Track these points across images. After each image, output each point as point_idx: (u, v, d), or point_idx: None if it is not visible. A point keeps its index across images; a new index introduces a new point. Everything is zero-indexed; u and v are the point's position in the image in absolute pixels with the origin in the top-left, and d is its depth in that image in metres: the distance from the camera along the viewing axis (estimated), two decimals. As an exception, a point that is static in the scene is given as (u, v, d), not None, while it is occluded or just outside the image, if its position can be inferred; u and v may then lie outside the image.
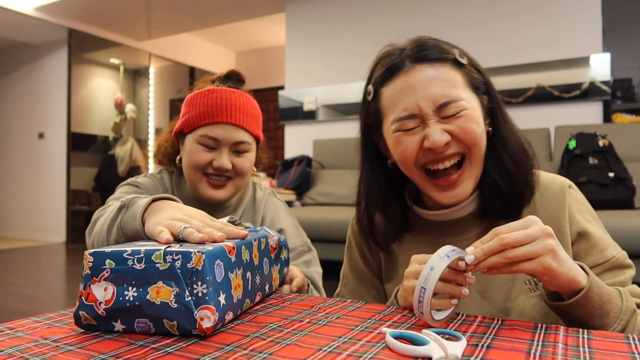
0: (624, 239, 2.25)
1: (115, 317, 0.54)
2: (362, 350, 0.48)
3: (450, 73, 0.69)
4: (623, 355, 0.47)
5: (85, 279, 0.56)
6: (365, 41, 4.17)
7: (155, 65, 6.67)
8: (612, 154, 2.83)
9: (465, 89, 0.69)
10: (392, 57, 0.72)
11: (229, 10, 5.16)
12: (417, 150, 0.69)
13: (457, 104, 0.67)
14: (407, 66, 0.69)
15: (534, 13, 3.49)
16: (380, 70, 0.73)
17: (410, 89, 0.68)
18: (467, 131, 0.68)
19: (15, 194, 6.09)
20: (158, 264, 0.54)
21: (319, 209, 3.30)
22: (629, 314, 0.61)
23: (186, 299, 0.53)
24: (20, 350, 0.49)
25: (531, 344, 0.50)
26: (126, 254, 0.55)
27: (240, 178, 1.02)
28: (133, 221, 0.73)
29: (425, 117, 0.68)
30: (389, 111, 0.71)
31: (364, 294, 0.86)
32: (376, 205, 0.80)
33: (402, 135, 0.70)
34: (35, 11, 5.04)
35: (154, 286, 0.54)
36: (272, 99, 6.76)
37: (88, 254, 0.56)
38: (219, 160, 0.97)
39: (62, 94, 5.56)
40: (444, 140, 0.67)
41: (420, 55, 0.69)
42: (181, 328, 0.53)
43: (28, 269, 4.03)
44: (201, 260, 0.54)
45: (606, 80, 3.27)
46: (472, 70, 0.72)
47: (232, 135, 0.98)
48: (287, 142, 4.54)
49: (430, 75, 0.68)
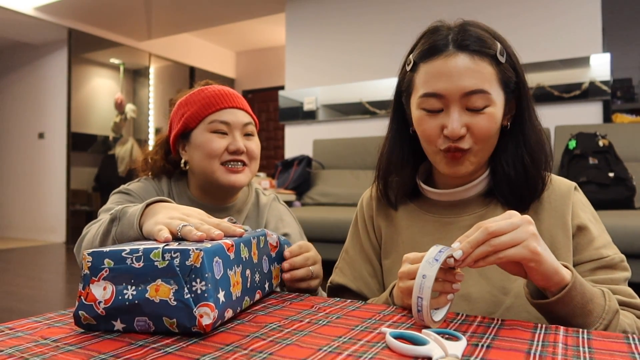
0: (624, 239, 2.26)
1: (115, 316, 0.54)
2: (362, 350, 0.48)
3: (486, 67, 0.71)
4: (623, 355, 0.47)
5: (84, 278, 0.56)
6: (366, 41, 4.17)
7: (155, 65, 6.66)
8: (612, 154, 2.83)
9: (495, 84, 0.72)
10: (438, 36, 0.74)
11: (229, 10, 5.16)
12: (438, 137, 0.74)
13: (484, 96, 0.71)
14: (449, 50, 0.72)
15: (534, 13, 3.49)
16: (424, 45, 0.75)
17: (446, 73, 0.71)
18: (483, 131, 0.72)
19: (15, 194, 6.08)
20: (157, 262, 0.54)
21: (319, 209, 3.30)
22: (611, 313, 0.62)
23: (185, 296, 0.53)
24: (20, 350, 0.49)
25: (531, 344, 0.50)
26: (125, 252, 0.55)
27: (254, 162, 1.05)
28: (130, 229, 0.73)
29: (450, 101, 0.72)
30: (420, 85, 0.75)
31: (360, 268, 0.88)
32: (395, 165, 0.84)
33: (425, 115, 0.74)
34: (35, 11, 5.04)
35: (152, 284, 0.54)
36: (272, 99, 6.76)
37: (87, 253, 0.56)
38: (234, 144, 1.00)
39: (62, 94, 5.56)
40: (461, 132, 0.71)
41: (464, 44, 0.72)
42: (181, 326, 0.53)
43: (28, 269, 4.03)
44: (199, 257, 0.54)
45: (606, 80, 3.27)
46: (508, 68, 0.74)
47: (241, 117, 1.02)
48: (287, 142, 4.53)
49: (466, 65, 0.71)
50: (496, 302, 0.73)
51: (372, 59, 4.11)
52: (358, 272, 0.88)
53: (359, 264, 0.89)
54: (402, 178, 0.85)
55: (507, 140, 0.77)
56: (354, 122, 4.19)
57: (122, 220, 0.76)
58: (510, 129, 0.77)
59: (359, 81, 4.16)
